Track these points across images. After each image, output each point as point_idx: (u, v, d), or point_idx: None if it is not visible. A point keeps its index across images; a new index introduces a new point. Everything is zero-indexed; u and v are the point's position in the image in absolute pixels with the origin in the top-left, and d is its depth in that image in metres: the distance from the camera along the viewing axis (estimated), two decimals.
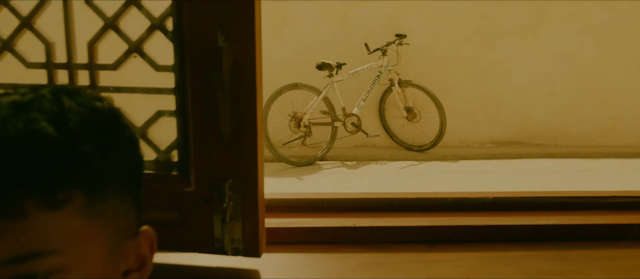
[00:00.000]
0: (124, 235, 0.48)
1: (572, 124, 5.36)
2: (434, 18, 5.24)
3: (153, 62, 0.80)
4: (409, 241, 0.92)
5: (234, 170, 0.77)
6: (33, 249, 0.40)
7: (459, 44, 5.27)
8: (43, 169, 0.40)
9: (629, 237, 0.91)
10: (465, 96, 5.30)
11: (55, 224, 0.41)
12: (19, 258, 0.40)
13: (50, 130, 0.41)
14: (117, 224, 0.47)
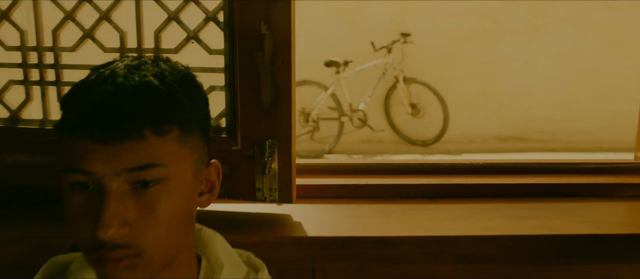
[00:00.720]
0: (201, 164, 0.68)
1: (572, 120, 5.46)
2: (438, 17, 5.36)
3: (207, 47, 1.01)
4: (412, 196, 1.12)
5: (273, 132, 0.98)
6: (148, 162, 0.59)
7: (462, 42, 5.39)
8: (154, 108, 0.60)
9: (586, 193, 1.12)
10: (468, 92, 5.42)
11: (162, 147, 0.61)
12: (140, 167, 0.59)
13: (156, 82, 0.61)
14: (197, 155, 0.66)
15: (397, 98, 5.35)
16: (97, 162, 0.58)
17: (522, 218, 1.02)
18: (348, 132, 5.20)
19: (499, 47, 5.39)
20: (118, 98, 0.58)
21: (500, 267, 0.95)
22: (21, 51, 1.07)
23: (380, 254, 0.92)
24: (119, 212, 0.58)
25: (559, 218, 1.02)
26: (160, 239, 0.61)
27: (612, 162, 1.20)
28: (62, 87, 1.07)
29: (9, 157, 1.07)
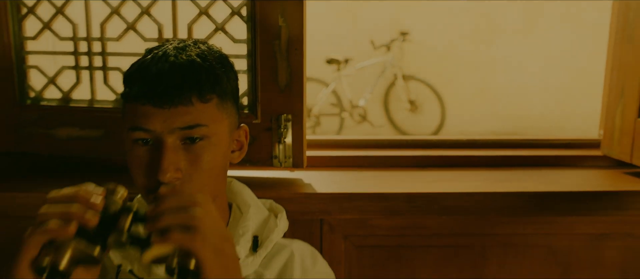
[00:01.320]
0: (233, 127, 0.87)
1: (566, 117, 5.56)
2: (436, 17, 5.53)
3: (232, 37, 1.20)
4: (405, 165, 1.32)
5: (287, 108, 1.18)
6: (195, 122, 0.78)
7: (460, 41, 5.54)
8: (199, 81, 0.79)
9: (555, 164, 1.32)
10: (464, 90, 5.58)
11: (205, 111, 0.80)
12: (189, 127, 0.78)
13: (199, 61, 0.80)
14: (231, 119, 0.86)
15: (396, 95, 5.54)
16: (157, 122, 0.77)
17: (497, 180, 1.22)
18: (348, 128, 5.39)
19: (495, 45, 5.54)
20: (171, 73, 0.78)
21: (476, 218, 1.15)
22: (73, 41, 1.27)
23: (376, 206, 1.12)
24: (173, 161, 0.78)
25: (528, 181, 1.22)
26: (203, 183, 0.81)
27: (578, 139, 1.41)
28: (108, 71, 1.27)
29: (62, 131, 1.27)
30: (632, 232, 1.19)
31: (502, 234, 1.18)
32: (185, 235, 0.61)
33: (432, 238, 1.18)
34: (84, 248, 0.62)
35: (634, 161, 1.23)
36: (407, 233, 1.17)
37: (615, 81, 1.28)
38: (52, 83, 1.29)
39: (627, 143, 1.24)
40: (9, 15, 1.24)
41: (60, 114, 1.27)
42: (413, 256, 1.19)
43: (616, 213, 1.17)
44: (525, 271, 1.20)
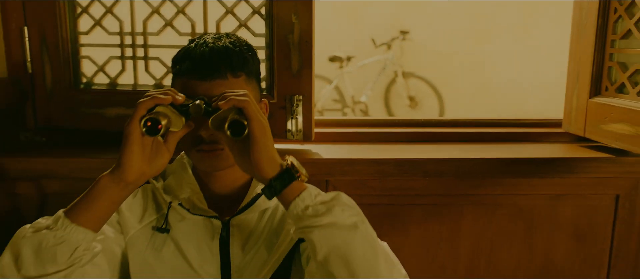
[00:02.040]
0: (257, 100, 1.13)
1: (561, 113, 5.79)
2: (435, 16, 5.74)
3: (252, 32, 1.47)
4: (394, 140, 1.58)
5: (299, 90, 1.44)
6: (228, 89, 1.04)
7: (458, 39, 5.74)
8: (232, 61, 1.05)
9: (524, 139, 1.59)
10: (463, 86, 5.79)
11: (236, 84, 1.06)
12: (220, 97, 1.03)
13: (231, 47, 1.07)
14: (255, 93, 1.12)
15: (396, 91, 5.79)
16: (200, 91, 1.03)
17: (471, 151, 1.48)
18: None
19: (492, 44, 5.73)
20: (211, 55, 1.05)
21: (453, 180, 1.42)
22: (119, 35, 1.53)
23: (371, 170, 1.38)
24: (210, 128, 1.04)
25: (498, 151, 1.48)
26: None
27: (543, 119, 1.67)
28: (148, 61, 1.54)
29: (110, 110, 1.53)
30: (582, 192, 1.46)
31: (475, 194, 1.45)
32: (240, 99, 0.92)
33: (417, 197, 1.44)
34: (174, 114, 0.93)
35: (586, 135, 1.49)
36: (396, 193, 1.43)
37: (573, 69, 1.54)
38: (101, 71, 1.56)
39: (581, 121, 1.51)
40: (66, 14, 1.51)
41: (109, 96, 1.53)
42: (402, 212, 1.45)
43: (569, 176, 1.43)
44: (494, 225, 1.47)
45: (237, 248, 1.11)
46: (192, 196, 1.13)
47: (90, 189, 0.93)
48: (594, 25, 1.43)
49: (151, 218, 1.14)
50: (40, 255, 0.89)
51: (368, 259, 0.89)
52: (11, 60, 1.52)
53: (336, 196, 0.92)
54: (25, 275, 0.89)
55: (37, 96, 1.54)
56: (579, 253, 1.50)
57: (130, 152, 0.91)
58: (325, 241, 0.87)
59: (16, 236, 0.93)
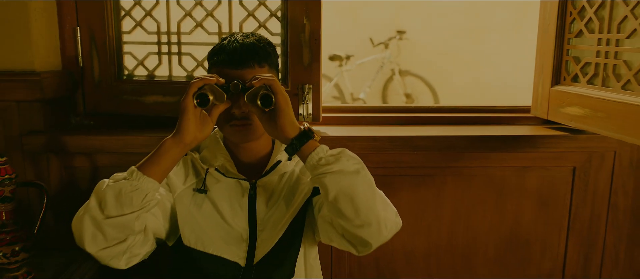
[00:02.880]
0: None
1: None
2: (431, 16, 6.01)
3: (270, 31, 1.78)
4: (389, 123, 1.89)
5: (309, 80, 1.75)
6: (256, 74, 1.35)
7: (452, 38, 5.99)
8: (257, 54, 1.36)
9: (498, 123, 1.89)
10: (457, 83, 6.04)
11: (261, 72, 1.36)
12: (253, 78, 1.35)
13: (257, 43, 1.38)
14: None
15: (394, 88, 6.09)
16: (233, 77, 1.34)
17: (454, 130, 1.79)
18: None
19: (486, 42, 5.97)
20: (241, 50, 1.35)
21: (435, 152, 1.73)
22: (157, 34, 1.84)
23: (369, 145, 1.69)
24: (243, 103, 1.35)
25: (475, 131, 1.79)
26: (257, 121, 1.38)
27: (516, 106, 1.98)
28: (181, 56, 1.84)
29: (148, 98, 1.84)
30: (545, 165, 1.77)
31: (455, 166, 1.76)
32: (269, 79, 1.22)
33: (408, 168, 1.76)
34: (218, 91, 1.23)
35: (549, 118, 1.80)
36: (390, 165, 1.74)
37: (539, 62, 1.86)
38: (141, 64, 1.86)
39: (545, 106, 1.82)
40: (112, 16, 1.81)
41: (147, 86, 1.84)
42: (395, 182, 1.76)
43: (534, 151, 1.75)
44: (471, 193, 1.78)
45: (262, 204, 1.41)
46: (225, 163, 1.43)
47: (156, 150, 1.24)
48: (554, 25, 1.74)
49: (192, 182, 1.44)
50: (120, 199, 1.19)
51: (368, 198, 1.20)
52: (65, 55, 1.82)
53: (343, 150, 1.23)
54: (108, 215, 1.19)
55: (86, 86, 1.84)
56: (543, 216, 1.81)
57: (187, 120, 1.22)
58: (335, 184, 1.18)
59: (98, 186, 1.23)
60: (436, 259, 1.84)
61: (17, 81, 1.66)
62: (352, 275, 1.86)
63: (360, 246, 1.27)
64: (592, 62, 1.61)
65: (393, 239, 1.64)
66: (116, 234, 1.21)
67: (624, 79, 1.47)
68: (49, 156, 1.73)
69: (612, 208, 1.80)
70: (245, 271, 1.38)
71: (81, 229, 1.21)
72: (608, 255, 1.84)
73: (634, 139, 1.40)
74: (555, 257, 1.84)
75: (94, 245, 1.21)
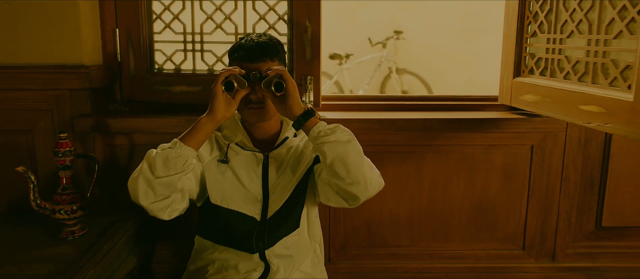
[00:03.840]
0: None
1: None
2: (427, 17, 6.36)
3: (278, 32, 2.16)
4: (378, 109, 2.28)
5: (310, 72, 2.14)
6: (269, 66, 1.74)
7: (449, 38, 6.35)
8: (270, 51, 1.75)
9: (470, 109, 2.27)
10: (452, 82, 6.39)
11: (273, 65, 1.75)
12: (268, 69, 1.73)
13: (269, 42, 1.77)
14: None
15: (391, 86, 6.46)
16: (250, 69, 1.72)
17: (433, 115, 2.17)
18: None
19: (480, 42, 6.30)
20: (257, 47, 1.74)
21: (416, 132, 2.11)
22: (183, 34, 2.23)
23: (361, 126, 2.08)
24: (258, 89, 1.74)
25: (450, 115, 2.18)
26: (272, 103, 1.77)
27: (487, 95, 2.36)
28: (204, 53, 2.23)
29: (175, 88, 2.22)
30: (508, 143, 2.15)
31: (433, 144, 2.14)
32: (280, 69, 1.60)
33: (394, 146, 2.14)
34: (240, 80, 1.60)
35: (512, 104, 2.18)
36: (379, 143, 2.12)
37: (504, 58, 2.24)
38: (169, 59, 2.25)
39: (508, 94, 2.20)
40: (145, 19, 2.20)
41: (175, 78, 2.22)
42: (383, 157, 2.14)
43: (498, 131, 2.13)
44: (446, 167, 2.16)
45: (273, 171, 1.80)
46: (243, 139, 1.81)
47: (193, 126, 1.62)
48: (515, 26, 2.13)
49: (216, 154, 1.82)
50: (167, 163, 1.57)
51: (357, 162, 1.58)
52: (106, 52, 2.21)
53: (338, 125, 1.61)
54: (157, 175, 1.57)
55: (123, 78, 2.23)
56: (506, 187, 2.19)
57: (217, 102, 1.60)
58: (331, 150, 1.56)
59: (149, 154, 1.61)
60: (418, 223, 2.22)
61: (69, 73, 2.05)
62: (347, 238, 2.24)
63: (351, 201, 1.65)
64: (542, 58, 1.99)
65: (381, 207, 2.09)
66: (163, 191, 1.59)
67: (565, 71, 1.86)
68: (95, 135, 2.11)
69: (564, 180, 2.19)
70: (260, 224, 1.76)
71: (136, 188, 1.59)
72: (562, 220, 2.22)
73: (570, 118, 1.78)
74: (518, 222, 2.23)
75: (146, 199, 1.59)
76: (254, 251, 1.75)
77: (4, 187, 2.13)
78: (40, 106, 2.08)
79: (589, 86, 1.74)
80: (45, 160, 2.10)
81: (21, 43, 2.04)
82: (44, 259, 1.70)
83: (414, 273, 2.23)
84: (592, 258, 2.25)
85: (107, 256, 1.79)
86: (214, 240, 1.82)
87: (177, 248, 2.24)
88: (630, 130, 1.52)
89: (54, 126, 2.09)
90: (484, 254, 2.24)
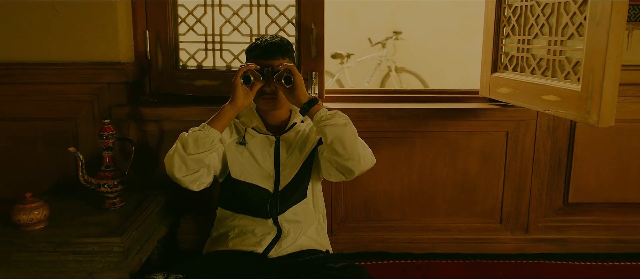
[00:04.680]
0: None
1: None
2: (425, 17, 6.60)
3: (287, 33, 2.52)
4: (374, 100, 2.64)
5: (315, 68, 2.50)
6: (280, 63, 2.10)
7: (446, 38, 6.58)
8: (281, 49, 2.11)
9: (454, 100, 2.63)
10: (449, 81, 6.59)
11: (284, 61, 2.11)
12: (279, 65, 2.09)
13: (281, 42, 2.13)
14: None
15: (390, 84, 6.71)
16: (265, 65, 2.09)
17: (421, 105, 2.53)
18: None
19: (475, 42, 6.21)
20: (271, 46, 2.10)
21: (408, 122, 2.48)
22: (204, 35, 2.59)
23: (356, 114, 2.43)
24: (271, 82, 2.10)
25: (436, 106, 2.53)
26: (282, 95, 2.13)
27: (470, 89, 2.72)
28: (222, 51, 2.59)
29: (198, 82, 2.58)
30: (486, 130, 2.51)
31: (421, 131, 2.50)
32: (290, 65, 1.96)
33: (386, 132, 2.50)
34: (256, 74, 1.97)
35: (490, 96, 2.54)
36: (373, 129, 2.48)
37: (484, 56, 2.60)
38: (192, 57, 2.61)
39: (487, 88, 2.56)
40: (172, 22, 2.56)
41: (197, 73, 2.58)
42: (377, 142, 2.50)
43: (478, 120, 2.49)
44: (433, 150, 2.52)
45: (283, 151, 2.15)
46: (258, 124, 2.17)
47: (218, 112, 1.98)
48: (492, 29, 2.48)
49: (235, 137, 2.18)
50: (197, 142, 1.93)
51: (352, 141, 1.94)
52: (137, 51, 2.57)
53: (337, 112, 1.97)
54: (189, 153, 1.93)
55: (152, 73, 2.59)
56: (485, 168, 2.55)
57: (238, 92, 1.97)
58: (331, 132, 1.92)
59: (181, 135, 1.97)
60: (408, 200, 2.58)
61: (108, 69, 2.41)
62: (347, 213, 2.60)
63: (347, 174, 2.01)
64: (514, 56, 2.35)
65: (376, 185, 2.44)
66: (194, 166, 1.95)
67: (531, 67, 2.21)
68: (129, 122, 2.48)
69: (535, 162, 2.54)
70: (273, 195, 2.12)
71: (172, 163, 1.94)
72: (534, 196, 2.58)
73: (535, 106, 2.14)
74: (495, 199, 2.58)
75: (180, 173, 1.95)
76: (268, 217, 2.11)
77: (52, 168, 2.49)
78: (83, 97, 2.45)
79: (549, 79, 2.10)
80: (87, 144, 2.47)
81: (67, 44, 2.40)
82: (95, 223, 2.06)
83: (404, 244, 2.59)
84: (560, 230, 2.61)
85: (144, 222, 2.15)
86: (234, 209, 2.17)
87: (197, 222, 2.60)
88: (577, 114, 1.88)
89: (95, 115, 2.46)
90: (465, 227, 2.60)
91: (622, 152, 2.54)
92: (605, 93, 1.76)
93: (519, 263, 2.52)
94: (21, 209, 1.98)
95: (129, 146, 2.37)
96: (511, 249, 2.61)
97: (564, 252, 2.61)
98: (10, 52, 2.41)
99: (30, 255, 1.92)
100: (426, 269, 2.46)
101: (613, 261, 2.54)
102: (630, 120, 2.50)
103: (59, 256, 1.92)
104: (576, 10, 1.93)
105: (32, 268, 1.93)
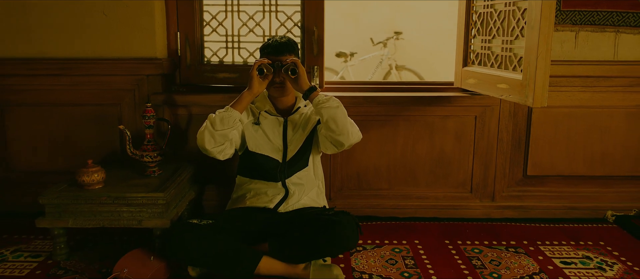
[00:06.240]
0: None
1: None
2: (425, 18, 7.06)
3: (293, 35, 3.10)
4: (367, 90, 3.21)
5: (316, 63, 3.08)
6: (288, 58, 2.68)
7: (445, 38, 6.87)
8: (289, 47, 2.70)
9: (435, 91, 3.21)
10: (445, 77, 7.03)
11: (291, 57, 2.70)
12: (286, 60, 2.67)
13: (288, 42, 2.72)
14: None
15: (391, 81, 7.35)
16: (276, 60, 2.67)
17: (405, 93, 3.11)
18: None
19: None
20: (280, 45, 2.70)
21: (394, 107, 3.05)
22: (225, 36, 3.18)
23: (351, 101, 3.01)
24: (280, 73, 2.68)
25: (418, 94, 3.10)
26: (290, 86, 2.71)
27: (447, 81, 3.29)
28: (240, 50, 3.18)
29: (220, 75, 3.17)
30: (458, 114, 3.08)
31: (405, 115, 3.08)
32: (295, 61, 2.55)
33: (375, 116, 3.08)
34: (268, 67, 2.56)
35: (462, 87, 3.11)
36: (364, 114, 3.06)
37: (457, 53, 3.16)
38: (215, 54, 3.20)
39: (459, 79, 3.13)
40: (199, 25, 3.15)
41: (219, 67, 3.17)
42: (368, 125, 3.07)
43: (451, 105, 3.06)
44: (414, 131, 3.10)
45: (290, 130, 2.74)
46: (270, 108, 2.76)
47: (238, 98, 2.57)
48: (463, 30, 3.05)
49: (251, 118, 2.77)
50: (223, 121, 2.52)
51: (343, 120, 2.52)
52: (170, 48, 3.16)
53: (331, 97, 2.55)
54: (216, 129, 2.51)
55: (182, 67, 3.18)
56: (458, 146, 3.12)
57: (254, 81, 2.56)
58: (326, 112, 2.50)
59: (210, 115, 2.56)
60: (394, 172, 3.16)
61: (147, 63, 3.00)
62: (343, 182, 3.18)
63: (339, 146, 2.59)
64: (479, 53, 2.92)
65: (367, 160, 3.03)
66: (220, 140, 2.54)
67: (490, 62, 2.78)
68: (164, 107, 3.07)
69: (499, 141, 3.11)
70: (281, 164, 2.71)
71: (203, 138, 2.53)
72: (499, 170, 3.15)
73: (492, 93, 2.71)
74: (466, 172, 3.15)
75: (209, 145, 2.54)
76: (277, 180, 2.69)
77: (100, 145, 3.09)
78: (126, 86, 3.05)
79: (502, 71, 2.67)
80: (129, 125, 3.07)
81: (113, 43, 3.00)
82: (141, 185, 2.66)
83: (391, 209, 3.17)
84: (521, 199, 3.18)
85: (178, 185, 2.75)
86: (250, 176, 2.76)
87: (219, 191, 3.19)
88: (520, 98, 2.44)
89: (136, 101, 3.06)
90: (442, 196, 3.17)
91: (571, 134, 3.10)
92: (538, 80, 2.33)
93: (486, 225, 3.08)
94: (85, 172, 2.57)
95: (165, 125, 2.96)
96: (480, 214, 3.18)
97: (524, 217, 3.17)
98: (67, 50, 3.01)
99: (93, 206, 2.52)
100: (409, 228, 3.03)
101: (564, 224, 3.10)
102: (577, 106, 3.06)
103: (116, 207, 2.52)
104: (520, 16, 2.49)
105: (95, 217, 2.52)
